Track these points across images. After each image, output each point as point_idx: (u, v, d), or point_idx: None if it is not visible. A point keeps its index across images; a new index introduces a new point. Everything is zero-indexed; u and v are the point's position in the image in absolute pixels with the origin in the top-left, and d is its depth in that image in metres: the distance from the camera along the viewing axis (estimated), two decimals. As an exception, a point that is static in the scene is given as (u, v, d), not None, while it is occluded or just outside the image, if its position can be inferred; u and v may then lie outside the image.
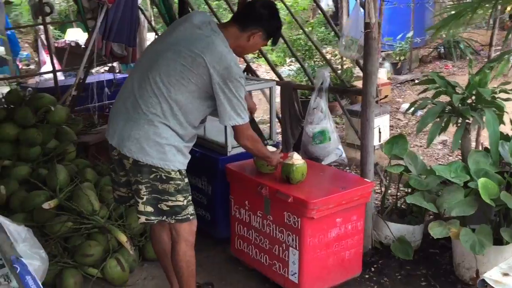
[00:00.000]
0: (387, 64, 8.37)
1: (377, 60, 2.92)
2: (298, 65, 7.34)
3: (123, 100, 2.50)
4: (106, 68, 5.92)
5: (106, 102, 5.21)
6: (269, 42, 2.66)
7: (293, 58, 7.03)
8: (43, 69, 7.55)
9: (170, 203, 2.46)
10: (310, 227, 2.72)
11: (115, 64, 5.53)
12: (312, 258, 2.78)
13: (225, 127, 3.28)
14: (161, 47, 2.54)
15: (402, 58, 8.61)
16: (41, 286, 1.47)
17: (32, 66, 10.09)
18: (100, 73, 5.81)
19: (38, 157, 3.76)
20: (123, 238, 3.14)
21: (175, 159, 2.44)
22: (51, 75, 7.50)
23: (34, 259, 1.91)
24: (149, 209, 2.46)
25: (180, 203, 2.48)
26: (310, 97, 3.49)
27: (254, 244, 3.08)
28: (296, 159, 2.85)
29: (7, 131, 3.72)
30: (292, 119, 3.74)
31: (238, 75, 2.43)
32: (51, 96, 3.98)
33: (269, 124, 3.54)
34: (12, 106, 3.88)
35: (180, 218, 2.50)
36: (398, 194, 3.62)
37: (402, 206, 3.60)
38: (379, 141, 4.61)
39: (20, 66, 10.98)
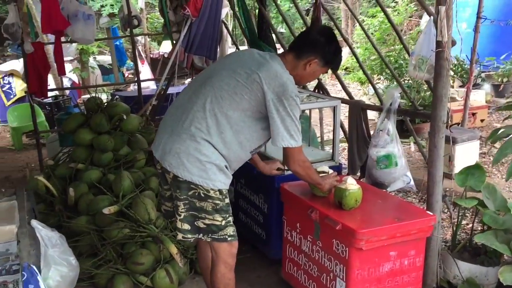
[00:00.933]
0: (486, 86, 7.75)
1: (448, 81, 2.67)
2: (386, 83, 7.07)
3: (171, 113, 2.51)
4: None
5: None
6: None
7: (381, 76, 6.76)
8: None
9: (207, 221, 2.40)
10: (359, 258, 2.53)
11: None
12: (359, 291, 2.59)
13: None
14: (218, 67, 2.58)
15: (505, 79, 7.93)
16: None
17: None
18: (182, 85, 5.97)
19: (109, 163, 3.91)
20: (173, 249, 3.14)
21: (216, 178, 2.38)
22: (145, 84, 7.93)
23: (62, 266, 1.95)
24: (186, 226, 2.42)
25: (218, 223, 2.41)
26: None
27: (303, 270, 2.94)
28: (350, 183, 2.68)
29: (83, 136, 3.92)
30: (359, 140, 3.55)
31: (293, 93, 2.35)
32: (125, 105, 4.13)
33: (332, 145, 3.38)
34: (90, 112, 4.09)
35: (216, 237, 2.43)
36: (473, 230, 3.28)
37: (477, 243, 3.26)
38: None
39: (126, 75, 11.72)
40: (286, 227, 3.08)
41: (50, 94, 8.28)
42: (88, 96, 7.58)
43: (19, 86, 8.99)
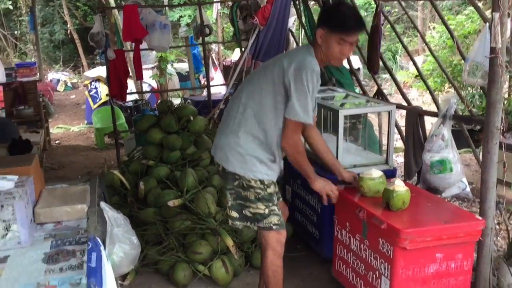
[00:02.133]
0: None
1: (502, 87, 2.68)
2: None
3: (224, 114, 2.73)
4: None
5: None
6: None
7: (450, 84, 6.63)
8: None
9: (252, 210, 2.59)
10: (403, 258, 2.60)
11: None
12: (404, 290, 2.65)
13: (337, 149, 3.31)
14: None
15: None
16: (104, 264, 1.71)
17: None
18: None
19: (177, 161, 4.22)
20: (229, 242, 3.36)
21: (256, 169, 2.55)
22: (217, 89, 8.28)
23: (125, 243, 2.20)
24: (235, 214, 2.63)
25: (261, 211, 2.58)
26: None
27: (352, 268, 3.04)
28: (398, 185, 2.75)
29: (154, 135, 4.25)
30: (416, 146, 3.58)
31: (312, 68, 2.42)
32: (193, 107, 4.43)
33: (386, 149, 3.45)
34: (162, 114, 4.42)
35: (262, 226, 2.61)
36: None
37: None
38: None
39: (202, 81, 12.25)
40: (336, 226, 3.19)
41: (130, 98, 8.91)
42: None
43: (104, 91, 9.70)
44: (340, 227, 3.15)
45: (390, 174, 3.44)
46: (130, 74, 9.25)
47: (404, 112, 3.85)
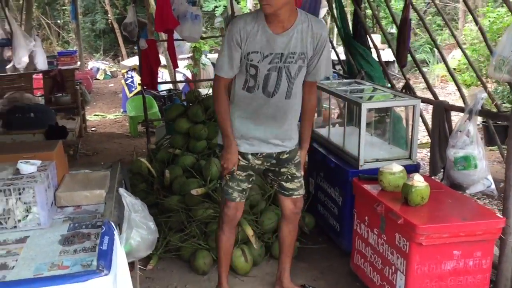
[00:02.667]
0: None
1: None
2: (495, 86, 6.73)
3: None
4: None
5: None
6: None
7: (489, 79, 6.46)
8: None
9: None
10: (419, 253, 2.58)
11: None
12: (419, 286, 2.64)
13: (359, 142, 3.30)
14: None
15: None
16: (116, 247, 1.78)
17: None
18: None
19: (203, 150, 4.28)
20: (249, 231, 3.40)
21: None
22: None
23: (142, 229, 2.26)
24: None
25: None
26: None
27: (369, 262, 3.04)
28: (417, 180, 2.74)
29: (181, 125, 4.33)
30: (441, 141, 3.51)
31: (232, 23, 2.56)
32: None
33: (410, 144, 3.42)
34: (190, 104, 4.49)
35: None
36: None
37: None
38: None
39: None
40: (356, 219, 3.19)
41: (164, 87, 9.07)
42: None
43: (139, 80, 9.91)
44: (359, 220, 3.15)
45: (413, 169, 3.40)
46: (163, 63, 9.43)
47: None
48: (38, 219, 1.93)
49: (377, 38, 10.15)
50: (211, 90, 3.09)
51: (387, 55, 9.06)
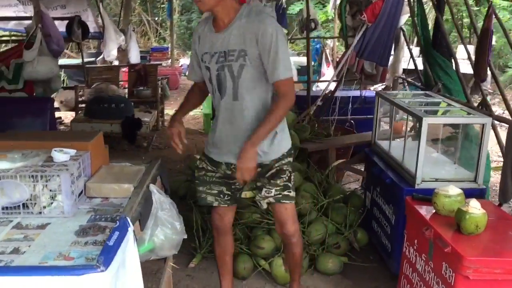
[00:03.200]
0: None
1: None
2: None
3: None
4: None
5: (349, 117, 5.38)
6: None
7: None
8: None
9: None
10: (465, 287, 2.34)
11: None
12: (463, 323, 2.38)
13: (417, 159, 3.07)
14: None
15: None
16: (127, 245, 1.76)
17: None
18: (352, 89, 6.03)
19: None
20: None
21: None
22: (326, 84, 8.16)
23: (166, 227, 2.24)
24: None
25: None
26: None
27: (415, 289, 2.82)
28: (473, 207, 2.48)
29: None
30: (514, 165, 3.18)
31: None
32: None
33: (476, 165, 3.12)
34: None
35: None
36: None
37: None
38: None
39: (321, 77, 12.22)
40: (405, 241, 2.97)
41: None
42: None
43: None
44: (408, 243, 2.93)
45: (477, 193, 3.12)
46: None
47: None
48: (62, 207, 1.96)
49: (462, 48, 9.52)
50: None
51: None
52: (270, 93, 2.47)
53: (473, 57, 3.91)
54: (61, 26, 7.60)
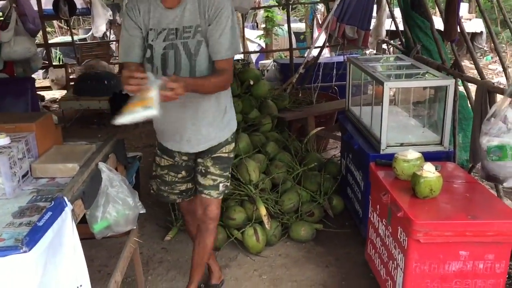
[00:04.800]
0: None
1: None
2: None
3: None
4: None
5: (333, 83, 5.33)
6: None
7: None
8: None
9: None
10: (417, 251, 2.34)
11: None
12: (417, 286, 2.40)
13: (381, 124, 3.05)
14: None
15: None
16: (63, 226, 1.78)
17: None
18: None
19: (238, 124, 4.21)
20: (263, 211, 3.32)
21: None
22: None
23: (118, 204, 2.27)
24: None
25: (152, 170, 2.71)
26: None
27: (378, 253, 2.83)
28: (427, 170, 2.47)
29: (216, 98, 4.29)
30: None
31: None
32: (257, 71, 4.36)
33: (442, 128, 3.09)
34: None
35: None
36: None
37: None
38: None
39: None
40: (370, 207, 2.98)
41: (236, 57, 9.07)
42: (268, 61, 8.07)
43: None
44: (372, 208, 2.94)
45: (444, 156, 3.11)
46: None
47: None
48: (3, 189, 1.99)
49: (464, 6, 9.30)
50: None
51: (474, 25, 8.30)
52: None
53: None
54: (48, 4, 7.59)
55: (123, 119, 1.99)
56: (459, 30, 3.54)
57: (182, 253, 3.38)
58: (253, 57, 9.23)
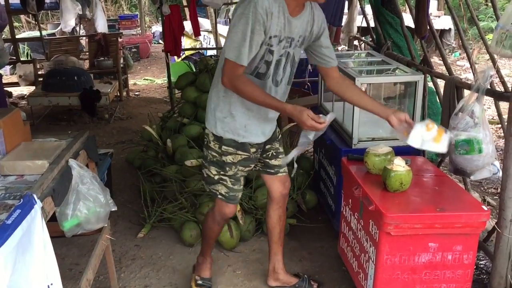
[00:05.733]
0: None
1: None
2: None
3: None
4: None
5: (307, 79, 5.36)
6: None
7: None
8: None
9: (205, 170, 2.57)
10: (388, 243, 2.39)
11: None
12: (388, 278, 2.45)
13: (353, 120, 3.09)
14: None
15: None
16: (33, 224, 1.75)
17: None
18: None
19: (211, 120, 4.21)
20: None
21: (218, 125, 2.43)
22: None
23: (88, 201, 2.25)
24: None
25: (211, 175, 2.53)
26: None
27: (350, 246, 2.88)
28: (397, 164, 2.52)
29: (189, 93, 4.28)
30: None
31: (253, 2, 2.13)
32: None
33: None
34: (200, 72, 4.41)
35: (209, 189, 2.59)
36: None
37: None
38: None
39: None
40: (343, 201, 3.02)
41: (209, 53, 9.04)
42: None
43: (187, 45, 9.93)
44: (345, 202, 2.98)
45: (414, 150, 3.13)
46: (206, 28, 9.34)
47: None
48: (-30, 187, 1.95)
49: (433, 3, 9.46)
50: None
51: (443, 22, 8.45)
52: None
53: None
54: (15, -2, 7.41)
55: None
56: (428, 27, 3.60)
57: (155, 250, 3.36)
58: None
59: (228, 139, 2.43)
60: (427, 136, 2.38)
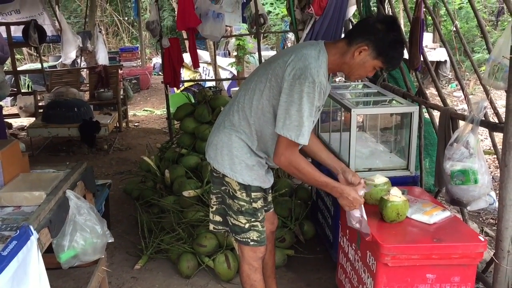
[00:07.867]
0: None
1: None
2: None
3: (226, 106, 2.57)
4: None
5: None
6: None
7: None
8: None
9: (232, 220, 2.45)
10: (386, 274, 2.38)
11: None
12: (387, 310, 2.43)
13: (349, 150, 3.11)
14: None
15: None
16: (29, 256, 1.75)
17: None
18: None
19: (209, 151, 4.23)
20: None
21: (245, 173, 2.35)
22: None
23: (86, 232, 2.25)
24: (218, 218, 2.53)
25: (241, 225, 2.42)
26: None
27: (348, 278, 2.86)
28: (394, 195, 2.52)
29: (188, 124, 4.32)
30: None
31: (313, 79, 2.09)
32: (229, 98, 4.41)
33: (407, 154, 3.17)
34: (199, 103, 4.46)
35: (239, 239, 2.46)
36: None
37: None
38: None
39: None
40: (340, 232, 3.01)
41: (209, 84, 9.13)
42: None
43: (187, 77, 10.05)
44: (342, 233, 2.97)
45: (410, 181, 3.18)
46: (205, 60, 9.45)
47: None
48: (-33, 219, 1.95)
49: (428, 36, 9.62)
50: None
51: (438, 54, 8.57)
52: None
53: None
54: (18, 31, 7.53)
55: None
56: (422, 59, 3.66)
57: (152, 282, 3.34)
58: (225, 84, 9.30)
59: (255, 186, 2.39)
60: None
